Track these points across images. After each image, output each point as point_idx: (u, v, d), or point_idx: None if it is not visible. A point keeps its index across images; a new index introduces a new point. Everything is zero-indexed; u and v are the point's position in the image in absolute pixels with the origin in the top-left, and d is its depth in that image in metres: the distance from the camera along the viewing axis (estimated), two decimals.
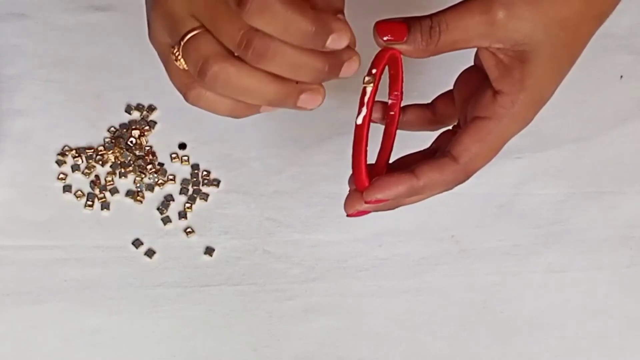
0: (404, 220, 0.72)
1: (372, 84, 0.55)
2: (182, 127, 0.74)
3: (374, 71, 0.55)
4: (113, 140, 0.74)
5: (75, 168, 0.73)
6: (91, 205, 0.71)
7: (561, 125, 0.74)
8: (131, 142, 0.73)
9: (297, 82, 0.52)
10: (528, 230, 0.72)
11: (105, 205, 0.72)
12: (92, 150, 0.73)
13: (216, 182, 0.72)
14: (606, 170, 0.74)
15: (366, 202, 0.57)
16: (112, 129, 0.74)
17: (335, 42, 0.51)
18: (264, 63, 0.51)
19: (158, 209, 0.72)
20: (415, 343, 0.69)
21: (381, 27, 0.56)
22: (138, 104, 0.75)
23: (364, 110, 0.56)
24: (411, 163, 0.58)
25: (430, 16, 0.55)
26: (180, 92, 0.55)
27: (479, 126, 0.56)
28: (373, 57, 0.56)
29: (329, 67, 0.52)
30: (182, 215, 0.71)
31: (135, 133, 0.73)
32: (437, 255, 0.71)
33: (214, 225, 0.71)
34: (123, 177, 0.73)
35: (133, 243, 0.70)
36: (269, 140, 0.74)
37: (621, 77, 0.77)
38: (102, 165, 0.73)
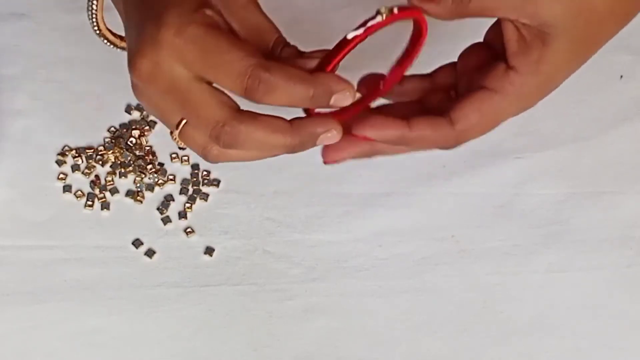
0: (404, 220, 0.72)
1: (384, 15, 0.54)
2: None
3: (395, 10, 0.54)
4: (113, 140, 0.74)
5: (75, 168, 0.73)
6: (91, 205, 0.71)
7: (561, 125, 0.74)
8: (131, 142, 0.73)
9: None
10: (528, 230, 0.72)
11: (105, 205, 0.72)
12: (92, 150, 0.73)
13: (216, 182, 0.72)
14: (606, 170, 0.74)
15: (353, 136, 0.56)
16: (112, 129, 0.74)
17: (340, 100, 0.54)
18: (237, 148, 0.53)
19: (158, 209, 0.72)
20: (415, 343, 0.69)
21: None
22: (138, 104, 0.75)
23: (361, 31, 0.55)
24: (410, 91, 0.59)
25: None
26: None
27: (483, 97, 0.55)
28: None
29: (300, 143, 0.54)
30: (182, 215, 0.71)
31: (135, 133, 0.73)
32: (437, 255, 0.71)
33: (214, 225, 0.71)
34: (123, 177, 0.73)
35: (133, 243, 0.70)
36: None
37: (621, 77, 0.77)
38: (102, 165, 0.73)
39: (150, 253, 0.70)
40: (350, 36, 0.55)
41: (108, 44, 0.63)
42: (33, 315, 0.68)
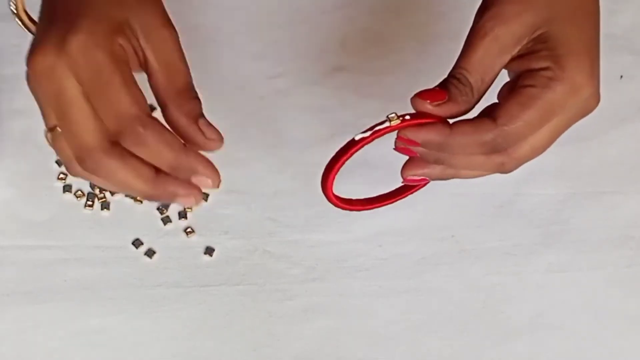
0: (404, 220, 0.72)
1: (391, 122, 0.56)
2: None
3: (407, 117, 0.56)
4: None
5: None
6: (91, 205, 0.71)
7: None
8: None
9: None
10: (528, 230, 0.72)
11: (105, 205, 0.72)
12: None
13: None
14: (606, 170, 0.74)
15: (401, 143, 0.57)
16: None
17: (201, 182, 0.55)
18: (97, 176, 0.53)
19: (158, 209, 0.72)
20: (415, 343, 0.69)
21: (421, 95, 0.56)
22: None
23: (368, 134, 0.56)
24: None
25: (450, 73, 0.56)
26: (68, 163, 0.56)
27: (522, 92, 0.55)
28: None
29: (156, 195, 0.54)
30: (182, 215, 0.71)
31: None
32: (437, 255, 0.71)
33: (214, 225, 0.71)
34: None
35: (133, 243, 0.70)
36: (269, 140, 0.74)
37: (621, 77, 0.77)
38: None
39: (150, 253, 0.70)
40: (357, 138, 0.57)
41: (22, 25, 0.62)
42: (33, 315, 0.68)
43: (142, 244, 0.70)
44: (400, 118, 0.56)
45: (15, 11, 0.61)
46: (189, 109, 0.55)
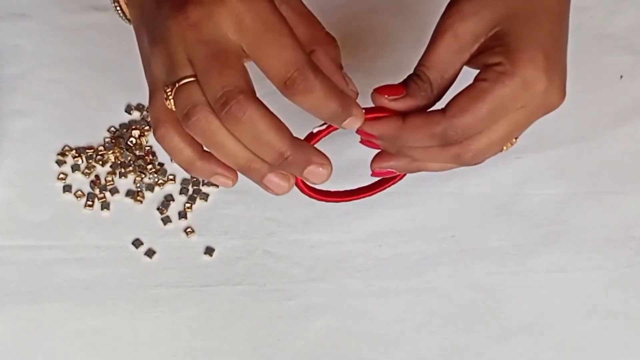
0: (404, 220, 0.72)
1: None
2: None
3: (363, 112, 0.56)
4: (113, 140, 0.74)
5: (75, 168, 0.73)
6: (91, 205, 0.72)
7: (561, 125, 0.74)
8: (131, 142, 0.73)
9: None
10: (528, 230, 0.72)
11: (105, 205, 0.72)
12: (92, 150, 0.73)
13: None
14: (606, 170, 0.74)
15: (358, 132, 0.58)
16: (112, 129, 0.74)
17: (351, 124, 0.54)
18: (232, 125, 0.52)
19: (158, 209, 0.72)
20: (415, 343, 0.69)
21: (380, 90, 0.57)
22: (138, 104, 0.75)
23: (324, 126, 0.58)
24: None
25: (413, 70, 0.58)
26: (152, 125, 0.56)
27: (474, 85, 0.56)
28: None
29: (292, 158, 0.53)
30: (182, 215, 0.71)
31: (135, 133, 0.73)
32: (437, 255, 0.71)
33: (214, 225, 0.71)
34: (123, 177, 0.73)
35: (133, 243, 0.70)
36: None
37: (621, 77, 0.77)
38: (102, 165, 0.73)
39: (150, 253, 0.70)
40: (315, 130, 0.58)
41: (119, 10, 0.62)
42: (33, 315, 0.68)
43: (142, 244, 0.70)
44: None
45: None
46: (334, 55, 0.56)
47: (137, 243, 0.70)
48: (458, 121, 0.55)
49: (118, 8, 0.62)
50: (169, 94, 0.53)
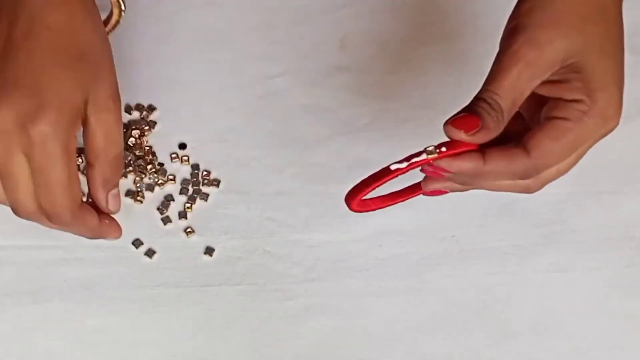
0: (404, 220, 0.72)
1: (428, 156, 0.56)
2: (182, 127, 0.74)
3: (443, 149, 0.56)
4: None
5: None
6: None
7: None
8: (131, 142, 0.73)
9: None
10: (528, 230, 0.72)
11: None
12: None
13: (216, 182, 0.72)
14: (606, 170, 0.74)
15: (431, 168, 0.57)
16: None
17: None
18: None
19: (158, 209, 0.72)
20: (415, 343, 0.69)
21: (455, 123, 0.56)
22: (138, 104, 0.75)
23: (404, 165, 0.56)
24: None
25: (480, 95, 0.56)
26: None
27: (555, 124, 0.56)
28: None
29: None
30: (182, 215, 0.71)
31: (135, 133, 0.73)
32: (437, 255, 0.71)
33: (214, 225, 0.71)
34: (123, 177, 0.73)
35: (133, 243, 0.70)
36: (269, 140, 0.74)
37: None
38: None
39: (150, 253, 0.70)
40: (393, 167, 0.57)
41: None
42: (33, 315, 0.68)
43: (142, 244, 0.70)
44: (438, 150, 0.56)
45: None
46: (109, 177, 0.59)
47: (137, 243, 0.70)
48: (541, 162, 0.56)
49: None
50: None
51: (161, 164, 0.73)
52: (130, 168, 0.73)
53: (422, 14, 0.78)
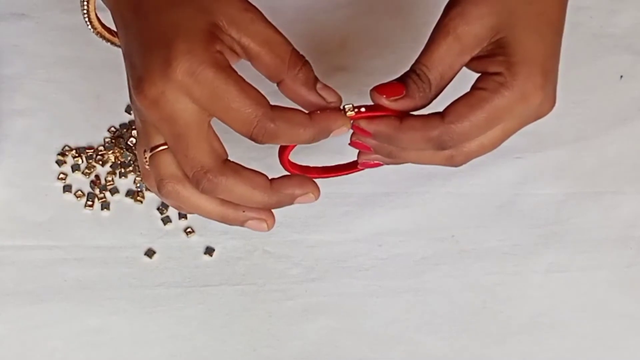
0: (404, 220, 0.72)
1: (347, 113, 0.57)
2: None
3: (362, 109, 0.57)
4: (113, 140, 0.74)
5: (75, 168, 0.73)
6: (91, 205, 0.72)
7: (561, 125, 0.74)
8: (131, 142, 0.73)
9: (243, 211, 0.58)
10: (528, 230, 0.72)
11: (105, 205, 0.72)
12: (92, 150, 0.73)
13: None
14: (606, 170, 0.74)
15: (353, 128, 0.58)
16: (112, 129, 0.74)
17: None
18: (215, 196, 0.56)
19: (158, 209, 0.72)
20: (415, 343, 0.69)
21: (379, 89, 0.57)
22: None
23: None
24: None
25: (411, 67, 0.58)
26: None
27: (473, 93, 0.57)
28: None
29: (276, 203, 0.57)
30: (182, 215, 0.71)
31: (135, 133, 0.73)
32: (437, 255, 0.71)
33: (214, 225, 0.71)
34: (123, 177, 0.73)
35: (133, 243, 0.70)
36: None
37: (621, 77, 0.77)
38: (102, 165, 0.73)
39: (150, 253, 0.70)
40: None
41: (95, 33, 0.63)
42: (33, 315, 0.68)
43: (142, 244, 0.70)
44: (356, 109, 0.57)
45: (95, 32, 0.63)
46: (304, 78, 0.56)
47: (137, 243, 0.70)
48: (455, 127, 0.56)
49: (104, 40, 0.64)
50: (145, 160, 0.57)
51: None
52: (130, 168, 0.73)
53: (422, 14, 0.78)
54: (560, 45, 0.59)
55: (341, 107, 0.57)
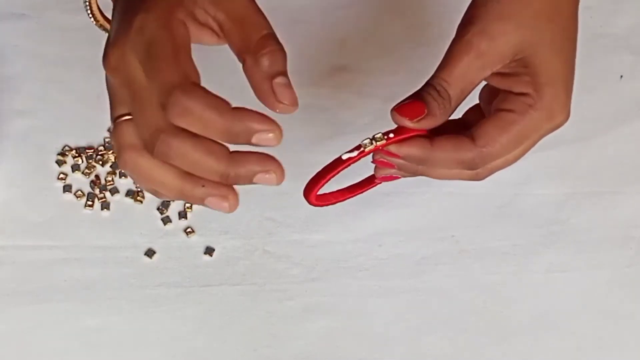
0: (404, 220, 0.72)
1: (377, 142, 0.57)
2: None
3: (391, 135, 0.57)
4: None
5: (75, 168, 0.73)
6: (91, 205, 0.72)
7: None
8: None
9: (203, 186, 0.52)
10: (528, 230, 0.72)
11: (105, 205, 0.72)
12: (92, 150, 0.73)
13: None
14: (606, 170, 0.74)
15: (381, 158, 0.58)
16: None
17: (263, 141, 0.51)
18: (166, 160, 0.51)
19: (158, 209, 0.72)
20: (415, 343, 0.69)
21: (400, 110, 0.57)
22: None
23: (355, 154, 0.57)
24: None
25: (429, 81, 0.57)
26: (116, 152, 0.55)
27: (502, 116, 0.57)
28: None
29: (234, 175, 0.51)
30: (182, 215, 0.71)
31: None
32: (437, 255, 0.71)
33: (214, 225, 0.71)
34: (123, 177, 0.73)
35: (133, 243, 0.70)
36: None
37: (621, 77, 0.77)
38: (102, 165, 0.73)
39: (150, 253, 0.70)
40: (344, 157, 0.57)
41: (98, 25, 0.62)
42: (33, 315, 0.68)
43: (142, 244, 0.70)
44: (385, 137, 0.57)
45: (89, 11, 0.62)
46: (267, 63, 0.53)
47: (137, 243, 0.70)
48: (487, 151, 0.56)
49: (98, 26, 0.63)
50: (111, 129, 0.55)
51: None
52: None
53: (422, 14, 0.78)
54: (576, 57, 0.59)
55: (371, 137, 0.57)
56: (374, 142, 0.57)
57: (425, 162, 0.57)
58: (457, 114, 0.59)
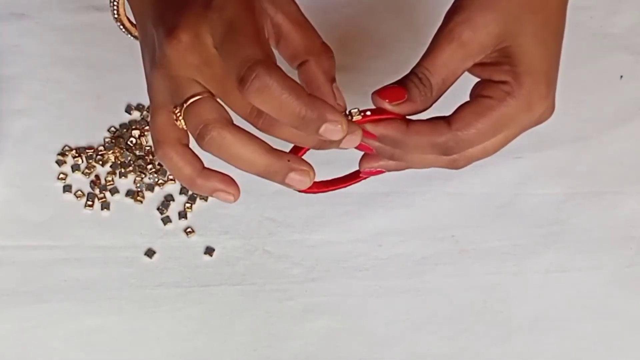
0: (404, 220, 0.72)
1: (353, 117, 0.57)
2: None
3: (368, 112, 0.57)
4: (113, 140, 0.74)
5: (75, 168, 0.73)
6: (91, 205, 0.72)
7: (561, 125, 0.74)
8: (131, 142, 0.73)
9: (288, 160, 0.54)
10: (528, 230, 0.72)
11: (105, 205, 0.72)
12: (92, 150, 0.73)
13: None
14: (606, 170, 0.74)
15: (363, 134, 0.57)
16: (112, 129, 0.74)
17: (330, 133, 0.52)
18: (273, 131, 0.54)
19: (158, 209, 0.72)
20: (415, 343, 0.69)
21: (381, 93, 0.57)
22: (138, 104, 0.75)
23: None
24: None
25: (413, 69, 0.57)
26: (154, 144, 0.57)
27: (479, 101, 0.57)
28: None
29: (308, 116, 0.51)
30: (182, 215, 0.71)
31: (135, 133, 0.73)
32: (437, 255, 0.71)
33: (214, 225, 0.71)
34: (123, 177, 0.73)
35: (133, 243, 0.70)
36: (268, 140, 0.74)
37: (621, 77, 0.77)
38: (102, 165, 0.73)
39: (150, 253, 0.70)
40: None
41: (123, 30, 0.63)
42: (33, 315, 0.68)
43: (142, 244, 0.70)
44: (362, 113, 0.57)
45: (117, 16, 0.62)
46: (328, 67, 0.56)
47: (137, 243, 0.70)
48: (462, 134, 0.56)
49: (122, 28, 0.63)
50: (177, 114, 0.55)
51: (161, 164, 0.73)
52: (130, 168, 0.73)
53: (422, 14, 0.78)
54: (561, 52, 0.59)
55: (347, 112, 0.57)
56: (349, 117, 0.57)
57: (400, 144, 0.58)
58: (448, 111, 0.59)
